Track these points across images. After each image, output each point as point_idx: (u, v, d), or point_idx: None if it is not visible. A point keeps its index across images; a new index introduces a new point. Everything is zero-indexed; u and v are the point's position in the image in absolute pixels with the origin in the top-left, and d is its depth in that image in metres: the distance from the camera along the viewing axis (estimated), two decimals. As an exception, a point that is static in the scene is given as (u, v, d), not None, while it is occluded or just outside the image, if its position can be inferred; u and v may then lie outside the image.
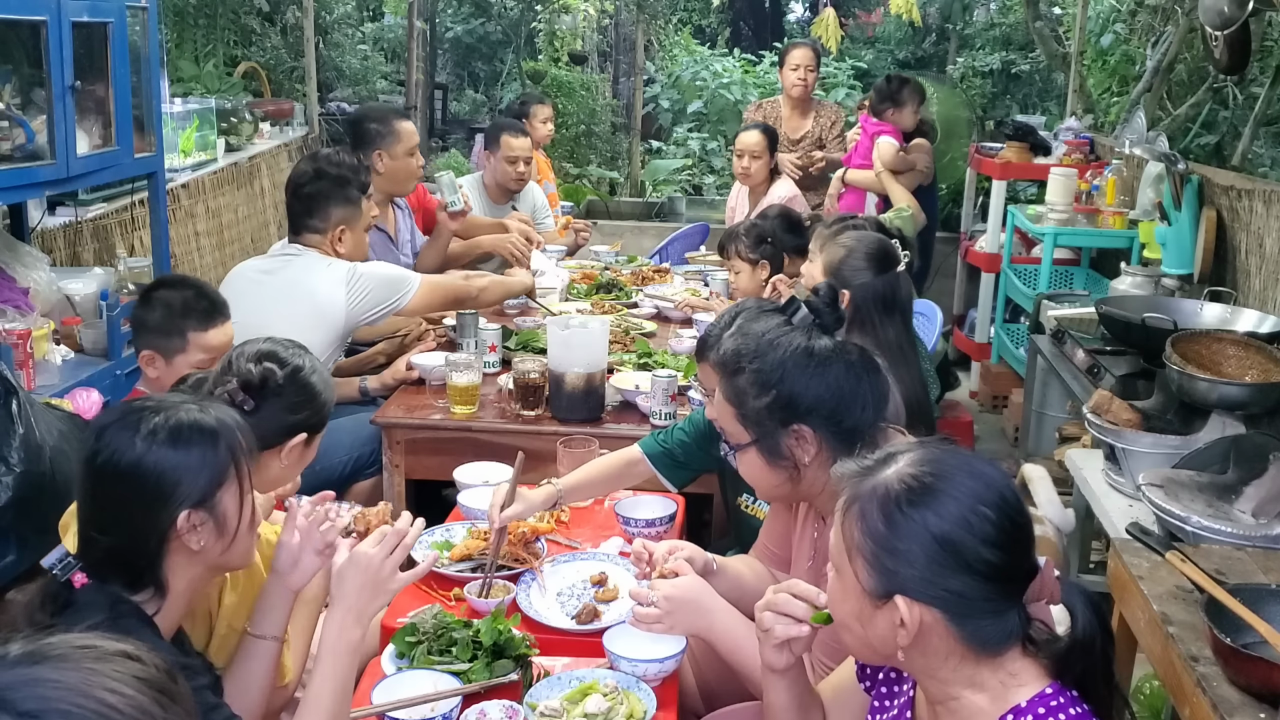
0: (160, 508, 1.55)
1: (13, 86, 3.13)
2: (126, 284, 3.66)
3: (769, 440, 1.81)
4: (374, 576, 1.70)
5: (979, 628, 1.27)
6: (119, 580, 1.55)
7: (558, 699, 1.80)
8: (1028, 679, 1.29)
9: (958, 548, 1.25)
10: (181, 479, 1.56)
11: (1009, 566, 1.28)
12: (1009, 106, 8.20)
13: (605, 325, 3.14)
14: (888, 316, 2.59)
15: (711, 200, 8.69)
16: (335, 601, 1.71)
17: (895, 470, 1.31)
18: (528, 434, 2.91)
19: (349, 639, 1.68)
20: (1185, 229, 4.01)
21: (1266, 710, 1.62)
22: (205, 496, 1.58)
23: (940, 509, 1.26)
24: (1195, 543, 2.15)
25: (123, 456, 1.55)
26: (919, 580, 1.26)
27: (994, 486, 1.29)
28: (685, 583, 1.84)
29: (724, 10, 11.41)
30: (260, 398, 1.99)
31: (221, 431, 1.61)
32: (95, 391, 2.98)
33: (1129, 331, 3.29)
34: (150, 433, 1.56)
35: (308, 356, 2.12)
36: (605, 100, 9.52)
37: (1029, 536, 1.30)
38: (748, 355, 1.83)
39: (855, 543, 1.30)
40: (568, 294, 4.24)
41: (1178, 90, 5.70)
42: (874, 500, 1.30)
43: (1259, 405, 2.58)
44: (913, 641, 1.28)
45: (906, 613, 1.27)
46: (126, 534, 1.55)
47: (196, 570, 1.62)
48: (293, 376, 2.05)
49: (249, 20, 7.14)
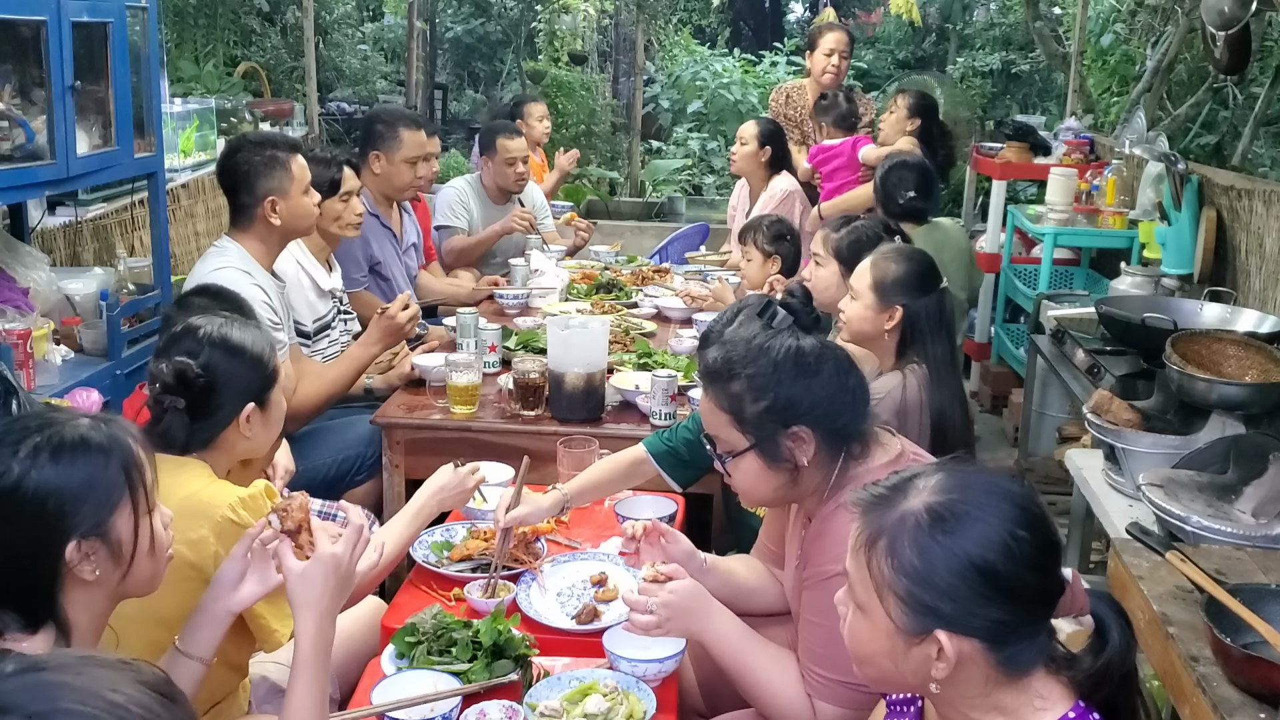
0: (47, 536, 1.40)
1: (13, 86, 3.12)
2: (126, 284, 3.66)
3: (768, 444, 1.81)
4: (344, 576, 1.66)
5: (1016, 652, 1.23)
6: (13, 617, 1.39)
7: (558, 699, 1.80)
8: (1053, 700, 1.24)
9: (1000, 575, 1.21)
10: (67, 504, 1.40)
11: (1047, 585, 1.24)
12: (1009, 106, 8.21)
13: (605, 325, 3.14)
14: (937, 334, 2.63)
15: (711, 200, 8.70)
16: (305, 606, 1.63)
17: (920, 499, 1.26)
18: (528, 434, 2.91)
19: (326, 640, 1.64)
20: (1185, 229, 4.01)
21: (1266, 710, 1.62)
22: (97, 524, 1.42)
23: (977, 536, 1.21)
24: (1195, 543, 2.15)
25: (2, 480, 1.39)
26: (961, 613, 1.21)
27: (1023, 505, 1.25)
28: (682, 588, 1.85)
29: (724, 10, 11.42)
30: (189, 392, 1.89)
31: (112, 448, 1.46)
32: (95, 391, 2.98)
33: (1129, 331, 3.29)
34: (32, 451, 1.40)
35: (219, 319, 1.99)
36: (605, 100, 9.53)
37: (1060, 552, 1.27)
38: (739, 361, 1.83)
39: (886, 580, 1.24)
40: (568, 294, 4.24)
41: (1178, 90, 5.70)
42: (903, 534, 1.24)
43: (1259, 405, 2.57)
44: (949, 676, 1.24)
45: (949, 646, 1.22)
46: (14, 567, 1.39)
47: (98, 602, 1.47)
48: (212, 355, 1.92)
49: (249, 20, 7.16)
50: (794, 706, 1.81)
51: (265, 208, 3.00)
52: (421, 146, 4.00)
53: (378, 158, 3.95)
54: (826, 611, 1.77)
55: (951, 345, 2.70)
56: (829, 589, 1.77)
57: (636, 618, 1.83)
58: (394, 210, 4.14)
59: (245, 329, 2.01)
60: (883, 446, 1.87)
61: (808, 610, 1.83)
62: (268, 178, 2.99)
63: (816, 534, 1.83)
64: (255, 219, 3.03)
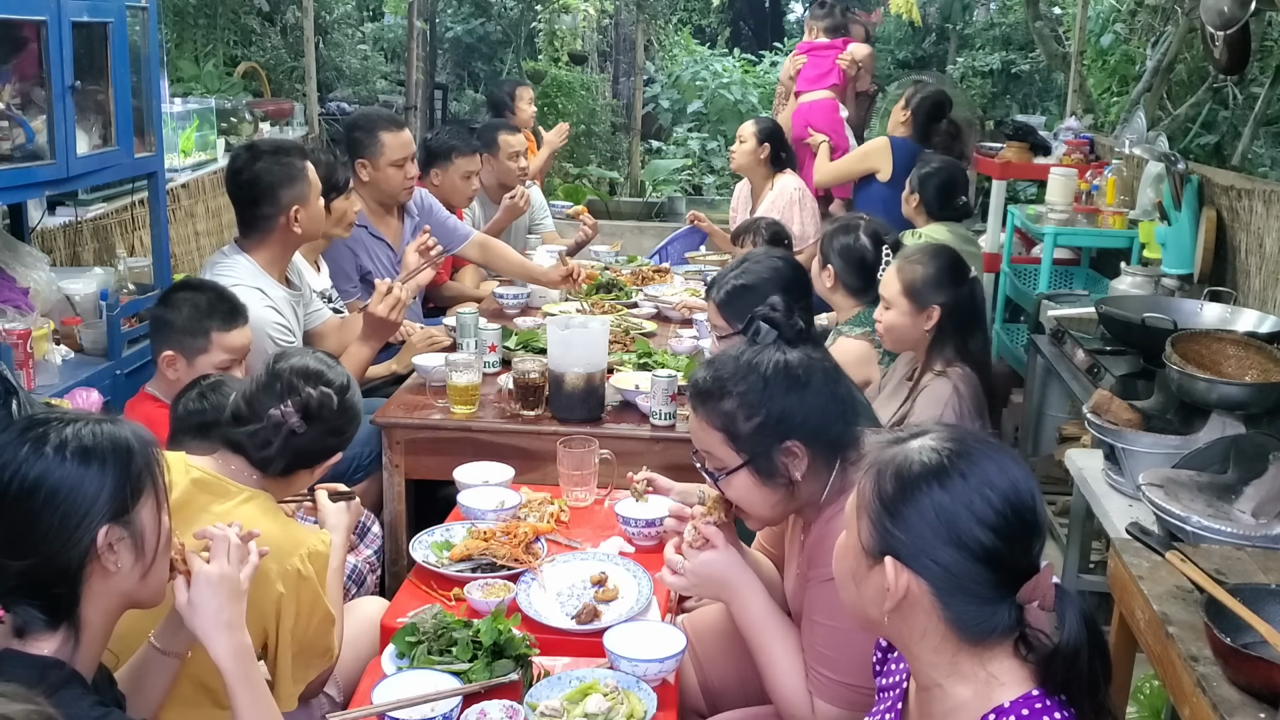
0: (76, 522, 1.44)
1: (13, 86, 3.12)
2: (126, 284, 3.66)
3: (762, 460, 1.82)
4: (230, 585, 1.64)
5: (963, 611, 1.28)
6: (36, 612, 1.44)
7: (558, 699, 1.80)
8: (1011, 680, 1.29)
9: (953, 521, 1.27)
10: (98, 489, 1.45)
11: (1002, 555, 1.28)
12: (1009, 106, 8.21)
13: (605, 325, 3.14)
14: (975, 325, 2.71)
15: (712, 200, 8.70)
16: (207, 630, 1.61)
17: (919, 443, 1.34)
18: (528, 434, 2.91)
19: (243, 648, 1.63)
20: (1185, 229, 4.01)
21: (1266, 710, 1.62)
22: (123, 509, 1.47)
23: (947, 483, 1.29)
24: (1195, 543, 2.15)
25: (30, 470, 1.44)
26: (910, 546, 1.29)
27: (1010, 477, 1.30)
28: (715, 559, 1.91)
29: (724, 10, 11.43)
30: (310, 421, 1.99)
31: (136, 446, 1.52)
32: (95, 391, 2.98)
33: (1129, 331, 3.29)
34: (59, 444, 1.46)
35: (345, 372, 2.11)
36: (605, 100, 9.53)
37: (1032, 535, 1.30)
38: (730, 379, 1.84)
39: (865, 501, 1.34)
40: (568, 294, 4.24)
41: (1178, 90, 5.70)
42: (890, 465, 1.33)
43: (1259, 405, 2.57)
44: (897, 608, 1.30)
45: (893, 576, 1.29)
46: (42, 555, 1.44)
47: (111, 601, 1.51)
48: (340, 399, 2.04)
49: (249, 20, 7.15)
50: (796, 700, 1.83)
51: (290, 217, 3.00)
52: (405, 146, 3.92)
53: (364, 166, 3.88)
54: (831, 611, 1.78)
55: (986, 337, 2.79)
56: (831, 591, 1.77)
57: (668, 577, 1.93)
58: (391, 217, 4.05)
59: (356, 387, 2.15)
60: None
61: (812, 610, 1.83)
62: (291, 186, 3.00)
63: (819, 538, 1.83)
64: (275, 229, 3.03)
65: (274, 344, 2.89)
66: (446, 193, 4.38)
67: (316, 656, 1.99)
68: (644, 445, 2.87)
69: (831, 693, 1.78)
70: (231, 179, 3.11)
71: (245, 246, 3.08)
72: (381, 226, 4.00)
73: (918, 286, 2.68)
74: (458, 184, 4.39)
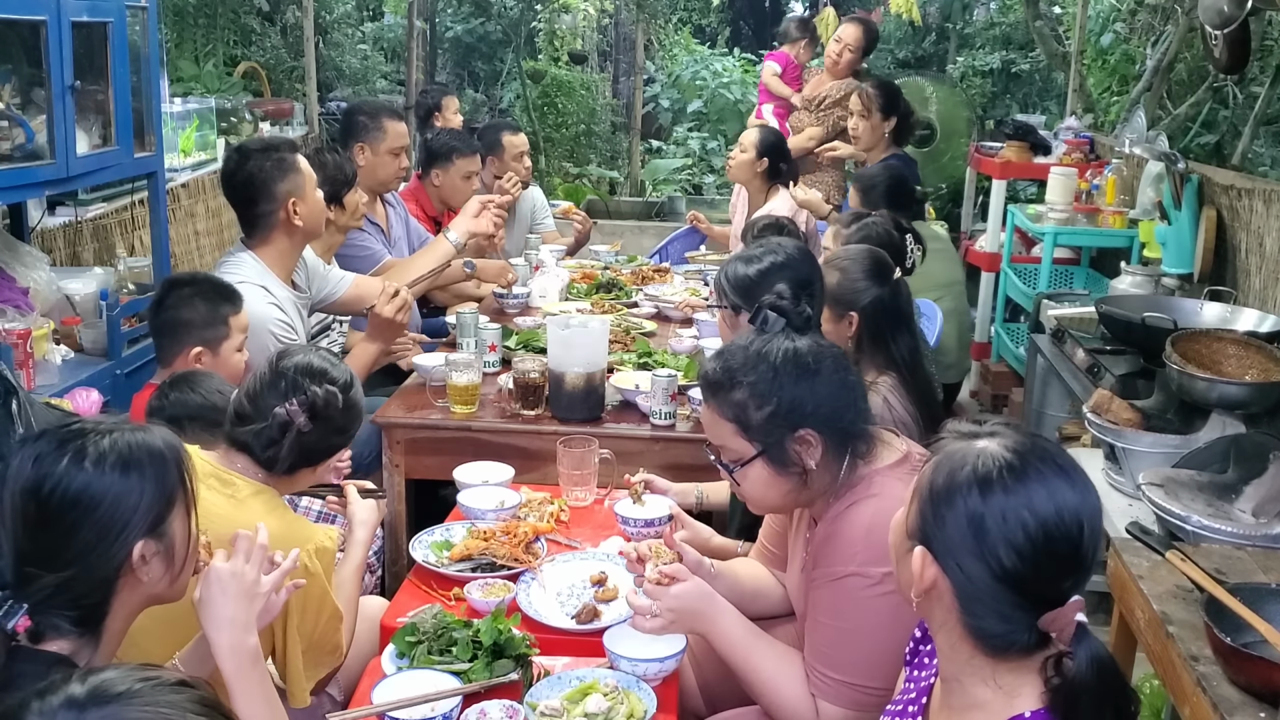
0: (115, 536, 1.45)
1: (13, 86, 3.13)
2: (126, 284, 3.66)
3: (776, 449, 1.80)
4: (242, 584, 1.63)
5: (982, 621, 1.29)
6: (68, 619, 1.44)
7: (558, 699, 1.80)
8: (1025, 697, 1.28)
9: (981, 535, 1.27)
10: (136, 504, 1.46)
11: (1024, 579, 1.26)
12: (1009, 106, 8.21)
13: (605, 325, 3.14)
14: (898, 328, 2.53)
15: (712, 200, 8.69)
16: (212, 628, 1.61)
17: (984, 444, 1.33)
18: (528, 434, 2.91)
19: (244, 649, 1.62)
20: (1185, 228, 4.01)
21: (1266, 710, 1.62)
22: (158, 522, 1.48)
23: (989, 495, 1.28)
24: (1195, 542, 2.15)
25: (71, 482, 1.44)
26: (941, 544, 1.30)
27: (1057, 504, 1.27)
28: (687, 590, 1.85)
29: (724, 10, 11.42)
30: (316, 419, 1.98)
31: (169, 453, 1.52)
32: (95, 391, 2.98)
33: (1129, 331, 3.29)
34: (99, 457, 1.46)
35: (348, 370, 2.11)
36: (605, 100, 9.53)
37: (1065, 567, 1.28)
38: (740, 369, 1.83)
39: (920, 485, 1.36)
40: (568, 294, 4.24)
41: (1178, 90, 5.70)
42: (949, 459, 1.33)
43: (1259, 405, 2.58)
44: (924, 597, 1.33)
45: (919, 566, 1.32)
46: (80, 567, 1.43)
47: (134, 605, 1.52)
48: (345, 396, 2.03)
49: (249, 20, 7.16)
50: (798, 706, 1.81)
51: (288, 210, 3.00)
52: (403, 137, 4.00)
53: (362, 150, 3.91)
54: (835, 611, 1.77)
55: (914, 337, 2.58)
56: (838, 589, 1.77)
57: (640, 621, 1.84)
58: (378, 205, 4.07)
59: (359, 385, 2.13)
60: (888, 446, 1.86)
61: (816, 610, 1.82)
62: (283, 180, 3.00)
63: (826, 535, 1.82)
64: (275, 225, 3.03)
65: (276, 341, 2.89)
66: (447, 193, 4.39)
67: (326, 654, 1.98)
68: (644, 445, 2.87)
69: (835, 693, 1.78)
70: (226, 182, 3.12)
71: (251, 246, 3.09)
72: (373, 213, 4.03)
73: (834, 293, 2.50)
74: (458, 184, 4.39)
